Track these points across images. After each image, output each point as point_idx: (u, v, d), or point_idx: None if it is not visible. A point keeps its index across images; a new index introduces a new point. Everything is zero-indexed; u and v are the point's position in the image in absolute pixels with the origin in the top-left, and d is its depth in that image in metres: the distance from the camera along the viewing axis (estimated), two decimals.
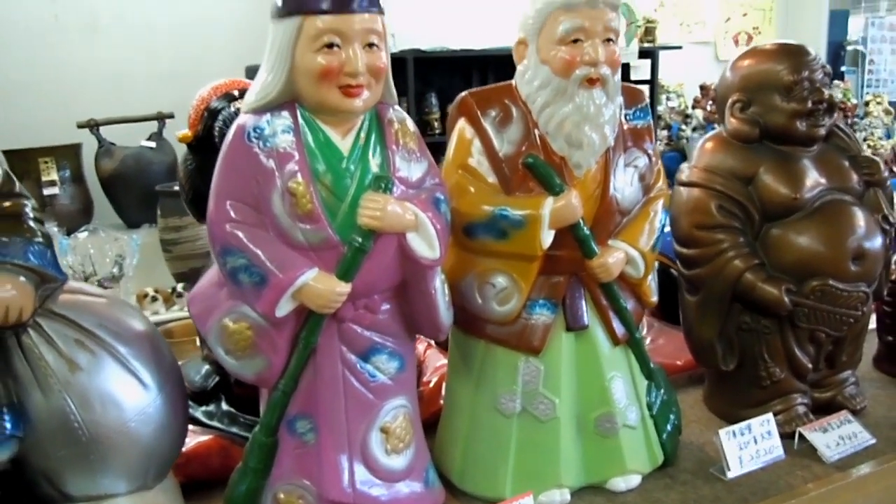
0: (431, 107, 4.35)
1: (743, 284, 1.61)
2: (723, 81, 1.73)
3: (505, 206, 1.38)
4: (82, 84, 4.15)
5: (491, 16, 4.45)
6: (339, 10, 1.17)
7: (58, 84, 4.12)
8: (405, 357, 1.35)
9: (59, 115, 3.95)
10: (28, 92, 4.06)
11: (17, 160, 3.84)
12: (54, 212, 3.87)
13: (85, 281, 3.63)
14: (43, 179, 3.88)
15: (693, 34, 5.32)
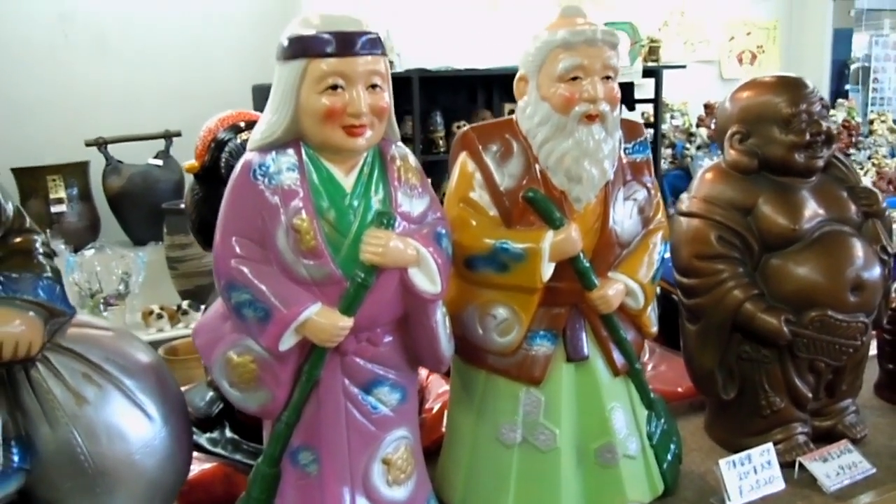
0: (436, 125, 4.37)
1: (742, 314, 1.63)
2: (722, 112, 1.75)
3: (506, 240, 1.40)
4: (91, 102, 4.19)
5: (495, 36, 4.49)
6: (343, 53, 1.20)
7: (67, 102, 4.16)
8: (407, 389, 1.37)
9: (67, 133, 4.00)
10: (37, 110, 4.10)
11: (25, 178, 3.89)
12: (62, 229, 3.91)
13: (91, 298, 3.68)
14: (51, 197, 3.93)
15: (697, 53, 5.35)
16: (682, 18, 5.25)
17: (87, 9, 4.15)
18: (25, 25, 4.05)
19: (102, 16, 4.17)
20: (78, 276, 3.68)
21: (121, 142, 4.06)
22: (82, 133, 3.96)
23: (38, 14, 4.06)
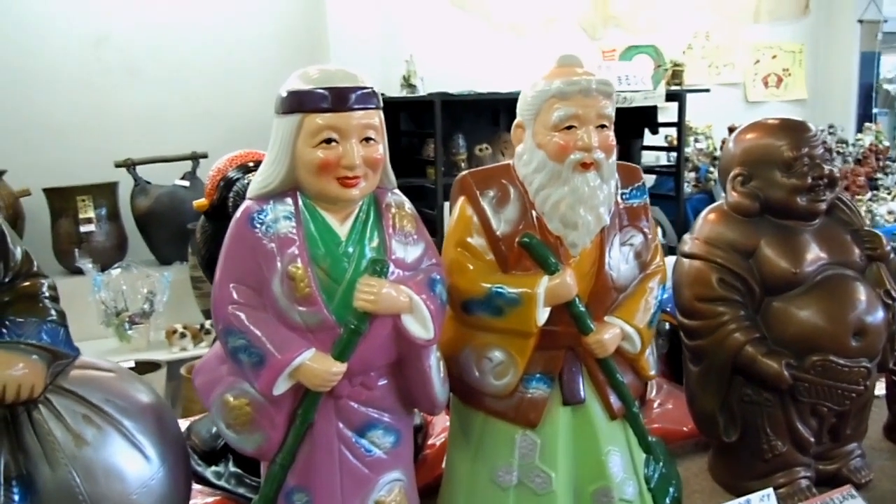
0: (459, 148, 4.40)
1: (743, 357, 1.62)
2: (725, 153, 1.76)
3: (501, 284, 1.41)
4: (121, 125, 4.28)
5: (519, 60, 4.52)
6: (337, 108, 1.23)
7: (98, 125, 4.25)
8: (401, 431, 1.39)
9: (97, 154, 4.09)
10: (69, 132, 4.19)
11: (56, 198, 3.98)
12: (90, 248, 3.99)
13: (116, 316, 3.75)
14: (80, 217, 4.01)
15: (722, 76, 5.33)
16: (707, 42, 5.24)
17: (121, 34, 4.25)
18: (61, 51, 4.16)
19: (135, 41, 4.26)
20: (104, 295, 3.76)
21: (149, 163, 4.14)
22: (112, 154, 4.05)
23: (73, 39, 4.16)
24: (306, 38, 4.42)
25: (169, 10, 4.26)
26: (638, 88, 4.29)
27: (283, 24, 4.42)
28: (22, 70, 4.05)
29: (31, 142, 4.09)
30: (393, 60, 4.27)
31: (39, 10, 4.06)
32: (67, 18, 4.11)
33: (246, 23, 4.37)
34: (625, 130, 4.59)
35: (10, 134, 4.06)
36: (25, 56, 4.05)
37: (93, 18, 4.16)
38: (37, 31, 4.07)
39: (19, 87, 4.06)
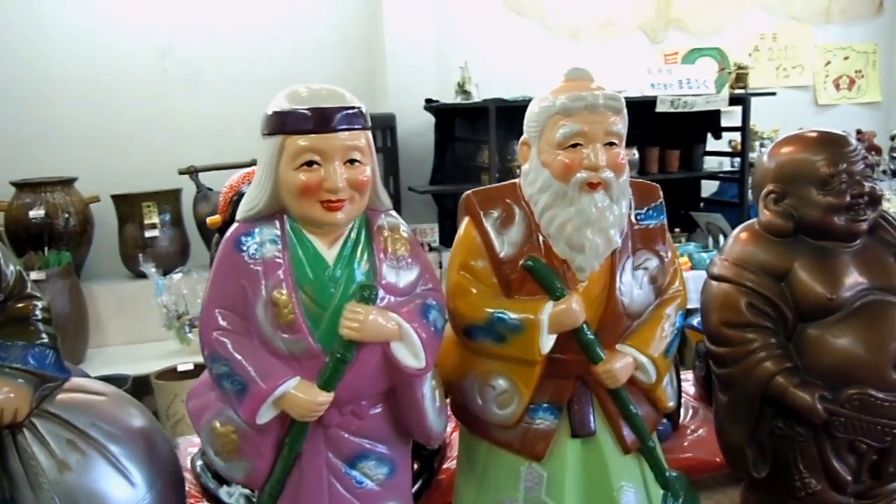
0: (514, 155, 4.29)
1: (773, 388, 1.49)
2: (758, 168, 1.62)
3: (503, 310, 1.33)
4: (185, 133, 4.33)
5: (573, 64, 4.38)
6: (319, 130, 1.17)
7: (163, 133, 4.32)
8: (396, 462, 1.32)
9: (162, 162, 4.15)
10: (136, 140, 4.27)
11: (123, 204, 4.05)
12: (154, 253, 4.05)
13: (177, 319, 3.79)
14: (145, 222, 4.08)
15: (790, 78, 5.06)
16: (774, 43, 4.99)
17: (186, 45, 4.30)
18: (130, 62, 4.23)
19: (199, 51, 4.31)
20: (166, 299, 3.81)
21: (211, 170, 4.18)
22: (176, 162, 4.10)
23: (141, 51, 4.23)
24: (363, 46, 4.39)
25: (231, 23, 4.29)
26: (700, 92, 4.11)
27: (340, 33, 4.40)
28: (93, 81, 4.14)
29: (100, 150, 4.18)
30: (448, 67, 4.19)
31: (109, 23, 4.14)
32: (136, 32, 4.18)
33: (304, 33, 4.37)
34: (686, 135, 4.41)
35: (82, 142, 4.16)
36: (96, 68, 4.14)
37: (159, 31, 4.22)
38: (107, 44, 4.15)
39: (91, 97, 4.15)
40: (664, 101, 4.03)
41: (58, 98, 4.10)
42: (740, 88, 4.30)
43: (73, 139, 4.14)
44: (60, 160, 4.06)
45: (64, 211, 3.84)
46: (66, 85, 4.10)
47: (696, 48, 4.56)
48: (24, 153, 4.05)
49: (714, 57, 4.49)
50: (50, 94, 4.09)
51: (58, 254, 3.72)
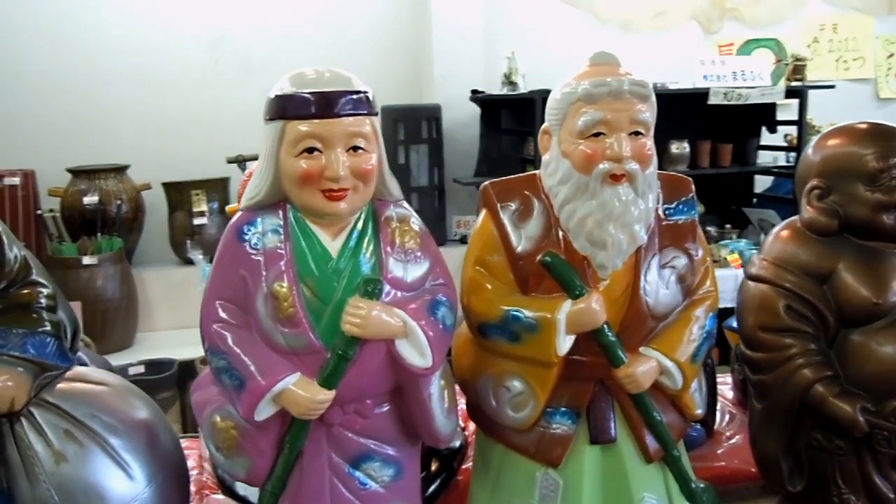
0: None
1: (812, 397, 1.37)
2: (803, 162, 1.49)
3: (519, 308, 1.24)
4: (233, 122, 4.31)
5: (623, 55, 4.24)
6: (320, 114, 1.10)
7: (212, 122, 4.32)
8: (403, 464, 1.24)
9: (211, 150, 4.14)
10: (187, 129, 4.28)
11: (173, 192, 4.07)
12: (202, 240, 4.05)
13: None
14: (194, 210, 4.08)
15: (850, 71, 4.80)
16: (835, 34, 4.74)
17: (236, 35, 4.29)
18: (181, 52, 4.24)
19: (248, 42, 4.30)
20: None
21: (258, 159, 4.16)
22: (225, 150, 4.09)
23: (193, 41, 4.24)
24: (410, 36, 4.31)
25: (279, 14, 4.26)
26: (755, 84, 3.92)
27: (388, 23, 4.33)
28: (146, 71, 4.16)
29: (152, 138, 4.20)
30: (495, 58, 4.09)
31: (163, 15, 4.15)
32: (188, 23, 4.19)
33: (351, 23, 4.31)
34: (740, 129, 4.22)
35: (135, 131, 4.19)
36: (150, 59, 4.16)
37: (210, 22, 4.22)
38: (160, 35, 4.16)
39: (144, 87, 4.17)
40: (717, 93, 3.86)
41: (112, 87, 4.14)
42: (797, 81, 4.10)
43: (126, 127, 4.17)
44: (114, 148, 4.09)
45: (116, 198, 3.87)
46: (120, 75, 4.12)
47: (752, 39, 4.36)
48: (80, 141, 4.09)
49: (771, 48, 4.29)
50: (105, 84, 4.12)
51: (110, 239, 3.75)
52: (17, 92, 4.03)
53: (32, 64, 4.03)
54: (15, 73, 4.01)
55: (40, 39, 4.03)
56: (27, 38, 4.01)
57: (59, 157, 3.92)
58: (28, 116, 4.05)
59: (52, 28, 4.04)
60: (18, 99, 4.04)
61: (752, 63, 4.03)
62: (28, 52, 4.03)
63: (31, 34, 4.02)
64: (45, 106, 4.07)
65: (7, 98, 4.03)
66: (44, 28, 4.03)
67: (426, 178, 3.98)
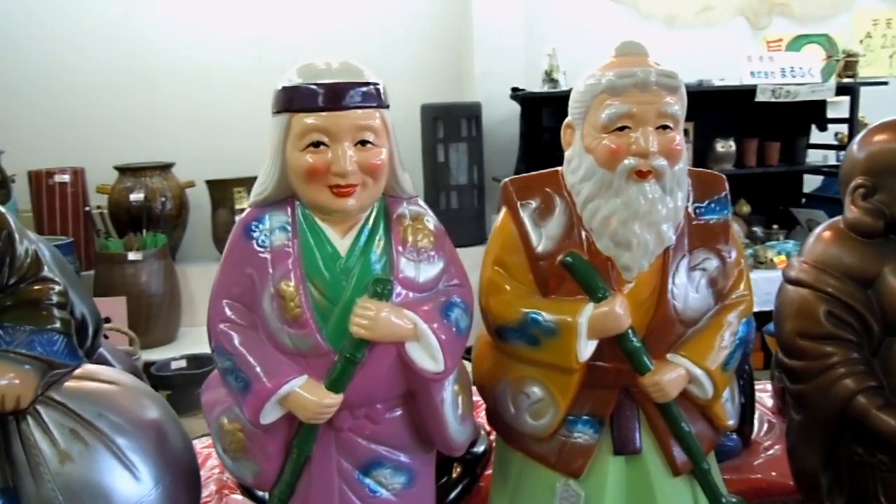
0: None
1: (853, 409, 1.27)
2: (847, 159, 1.39)
3: (538, 310, 1.17)
4: None
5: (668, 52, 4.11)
6: (327, 107, 1.04)
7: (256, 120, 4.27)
8: (415, 471, 1.18)
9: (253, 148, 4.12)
10: (230, 127, 4.28)
11: (216, 189, 4.08)
12: None
13: None
14: (236, 207, 4.08)
15: None
16: (888, 29, 4.54)
17: (280, 34, 4.28)
18: (226, 51, 4.25)
19: (292, 40, 4.28)
20: None
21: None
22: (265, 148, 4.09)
23: (237, 40, 4.24)
24: (451, 33, 4.25)
25: (321, 13, 4.25)
26: (804, 81, 3.77)
27: (429, 21, 4.28)
28: (192, 71, 4.18)
29: (196, 136, 4.21)
30: (535, 55, 4.00)
31: (208, 15, 4.17)
32: (233, 22, 4.20)
33: (393, 21, 4.27)
34: (788, 127, 4.07)
35: (180, 129, 4.21)
36: (196, 58, 4.18)
37: (255, 21, 4.22)
38: (206, 35, 4.18)
39: (189, 86, 4.19)
40: (765, 91, 3.72)
41: (159, 87, 4.17)
42: (849, 77, 3.93)
43: (171, 126, 4.20)
44: (160, 146, 4.12)
45: (161, 195, 3.89)
46: (167, 74, 4.16)
47: (802, 35, 4.20)
48: (128, 139, 4.13)
49: (822, 44, 4.13)
50: (152, 83, 4.16)
51: (154, 236, 3.77)
52: (68, 92, 4.09)
53: (83, 64, 4.09)
54: (67, 74, 4.07)
55: (91, 41, 4.08)
56: (79, 41, 4.07)
57: (107, 154, 3.96)
58: (78, 115, 4.10)
59: (103, 30, 4.09)
60: (70, 98, 4.09)
61: (801, 59, 3.88)
62: (79, 54, 4.08)
63: (83, 37, 4.07)
64: (95, 105, 4.12)
65: (59, 98, 4.08)
66: (94, 30, 4.08)
67: (465, 176, 3.91)
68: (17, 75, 4.00)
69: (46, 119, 4.07)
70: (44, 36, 4.04)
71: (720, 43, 4.22)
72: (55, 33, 4.05)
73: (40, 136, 4.04)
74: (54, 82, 4.06)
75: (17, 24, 4.00)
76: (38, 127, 4.06)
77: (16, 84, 4.00)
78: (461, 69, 4.25)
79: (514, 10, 4.05)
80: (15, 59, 4.01)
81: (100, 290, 3.58)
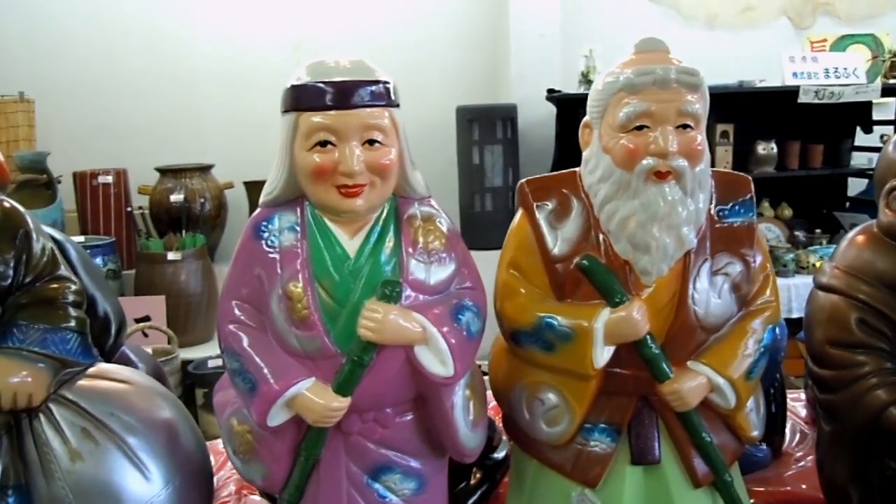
0: None
1: (886, 421, 1.21)
2: (882, 160, 1.33)
3: (553, 315, 1.13)
4: None
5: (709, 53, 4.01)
6: (334, 106, 1.02)
7: None
8: (426, 477, 1.15)
9: None
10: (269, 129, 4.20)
11: (253, 190, 4.09)
12: None
13: None
14: None
15: None
16: None
17: (318, 36, 4.28)
18: (264, 54, 4.27)
19: (329, 43, 4.28)
20: None
21: None
22: None
23: (275, 43, 4.26)
24: (489, 35, 4.22)
25: (357, 16, 4.24)
26: (849, 82, 3.65)
27: (465, 22, 4.25)
28: (231, 73, 4.21)
29: (236, 138, 4.24)
30: (572, 56, 3.94)
31: (247, 18, 4.20)
32: (271, 25, 4.22)
33: (429, 23, 4.25)
34: (832, 129, 3.94)
35: (219, 131, 4.24)
36: (235, 61, 4.21)
37: (292, 24, 4.23)
38: (245, 38, 4.21)
39: (228, 88, 4.23)
40: (808, 92, 3.61)
41: (199, 89, 4.21)
42: (894, 78, 3.80)
43: (211, 128, 4.24)
44: (200, 147, 4.16)
45: (201, 196, 3.93)
46: (207, 77, 4.19)
47: (847, 35, 4.07)
48: (169, 140, 4.18)
49: (867, 44, 4.00)
50: (193, 86, 4.20)
51: (193, 236, 3.80)
52: (112, 94, 4.15)
53: (126, 68, 4.14)
54: (110, 77, 4.13)
55: (133, 45, 4.14)
56: (121, 44, 4.13)
57: (149, 156, 4.00)
58: (121, 118, 4.16)
59: (144, 34, 4.14)
60: (113, 101, 4.16)
61: (845, 59, 3.76)
62: (122, 57, 4.14)
63: (125, 40, 4.13)
64: (137, 108, 4.17)
65: (103, 100, 4.15)
66: (136, 34, 4.13)
67: (500, 178, 3.87)
68: (62, 81, 4.08)
69: (90, 122, 4.14)
70: (87, 42, 4.11)
71: (762, 44, 4.11)
72: (99, 39, 4.12)
73: (85, 139, 4.11)
74: (98, 87, 4.12)
75: (62, 30, 4.08)
76: (83, 130, 4.13)
77: (61, 89, 4.07)
78: (497, 71, 4.21)
79: (551, 11, 4.00)
80: (61, 66, 4.08)
81: (140, 289, 3.62)
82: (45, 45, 4.06)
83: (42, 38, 4.07)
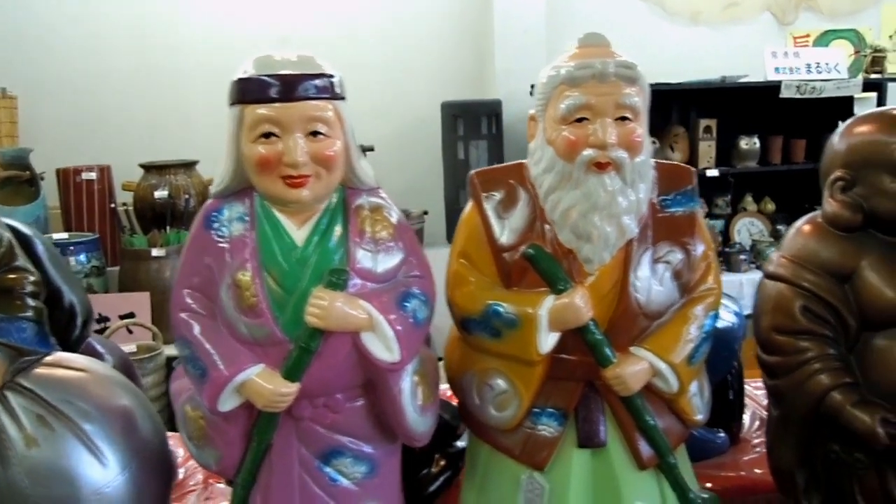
0: None
1: (828, 406, 1.24)
2: (827, 152, 1.37)
3: (500, 302, 1.17)
4: None
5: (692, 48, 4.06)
6: (278, 98, 1.06)
7: None
8: (377, 461, 1.19)
9: None
10: None
11: None
12: None
13: None
14: None
15: None
16: None
17: (302, 33, 4.31)
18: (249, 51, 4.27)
19: (314, 39, 4.31)
20: None
21: None
22: None
23: (259, 40, 4.28)
24: (473, 30, 4.25)
25: (343, 11, 4.27)
26: (830, 77, 3.69)
27: (450, 19, 4.28)
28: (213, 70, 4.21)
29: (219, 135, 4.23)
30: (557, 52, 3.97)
31: (233, 13, 4.23)
32: (255, 21, 4.25)
33: (415, 19, 4.28)
34: (814, 124, 3.98)
35: (204, 127, 4.24)
36: (218, 57, 4.22)
37: (277, 21, 4.26)
38: (228, 34, 4.23)
39: (212, 85, 4.21)
40: (789, 87, 3.65)
41: (183, 85, 4.23)
42: (877, 73, 3.84)
43: (195, 124, 4.26)
44: (184, 144, 4.18)
45: (185, 192, 3.95)
46: (191, 74, 4.22)
47: (830, 30, 4.11)
48: (152, 137, 4.20)
49: (850, 39, 4.04)
50: (177, 82, 4.23)
51: (178, 232, 3.83)
52: (95, 90, 4.17)
53: (109, 63, 4.17)
54: (94, 73, 4.16)
55: (117, 40, 4.16)
56: (105, 40, 4.15)
57: (133, 152, 4.03)
58: (105, 113, 4.19)
59: (128, 29, 4.17)
60: (97, 97, 4.18)
61: (827, 55, 3.79)
62: (105, 53, 4.16)
63: (109, 35, 4.15)
64: (121, 104, 4.20)
65: (86, 96, 4.17)
66: (120, 29, 4.16)
67: None
68: (45, 76, 4.11)
69: (74, 118, 4.16)
70: (71, 38, 4.14)
71: (745, 39, 4.15)
72: (83, 35, 4.14)
73: (68, 135, 4.14)
74: (81, 83, 4.15)
75: (45, 26, 4.11)
76: (66, 126, 4.16)
77: (44, 84, 4.10)
78: (482, 67, 4.24)
79: (536, 7, 4.03)
80: (44, 61, 4.11)
81: (125, 285, 3.65)
82: (28, 41, 4.09)
83: (25, 34, 4.09)
